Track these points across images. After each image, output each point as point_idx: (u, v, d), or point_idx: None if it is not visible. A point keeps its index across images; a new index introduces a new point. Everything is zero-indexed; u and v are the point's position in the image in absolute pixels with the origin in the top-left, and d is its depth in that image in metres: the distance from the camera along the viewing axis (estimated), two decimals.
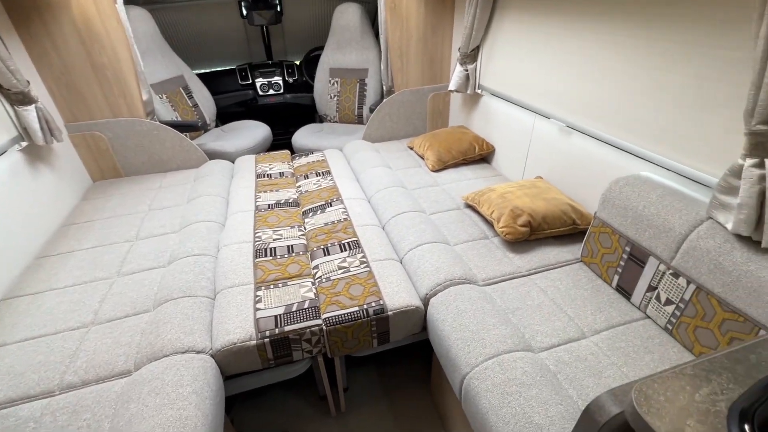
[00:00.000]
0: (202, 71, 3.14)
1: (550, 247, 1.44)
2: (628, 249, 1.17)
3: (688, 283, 1.00)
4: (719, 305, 0.93)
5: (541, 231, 1.44)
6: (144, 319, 1.20)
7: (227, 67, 3.21)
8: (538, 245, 1.45)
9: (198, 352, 1.08)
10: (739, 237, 0.92)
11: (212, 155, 2.40)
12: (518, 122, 1.87)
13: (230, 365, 1.13)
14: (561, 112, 1.60)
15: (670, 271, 1.05)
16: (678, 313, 1.03)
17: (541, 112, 1.71)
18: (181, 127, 2.29)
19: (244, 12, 2.83)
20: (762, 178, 0.84)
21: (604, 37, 1.33)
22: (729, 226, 0.92)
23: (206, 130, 2.73)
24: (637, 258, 1.14)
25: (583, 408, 0.64)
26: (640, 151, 1.27)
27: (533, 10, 1.65)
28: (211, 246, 1.52)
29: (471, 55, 2.07)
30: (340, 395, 1.41)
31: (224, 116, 3.09)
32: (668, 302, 1.06)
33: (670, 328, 1.06)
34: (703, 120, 1.07)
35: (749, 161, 0.85)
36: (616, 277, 1.22)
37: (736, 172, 0.89)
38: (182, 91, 2.58)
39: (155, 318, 1.18)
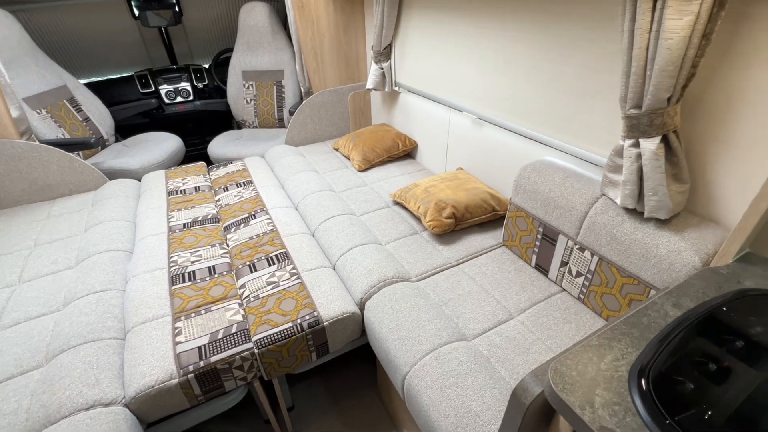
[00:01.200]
0: (93, 80, 2.78)
1: (475, 235, 1.51)
2: (541, 230, 1.26)
3: (592, 255, 1.10)
4: (618, 272, 1.04)
5: (465, 221, 1.49)
6: (34, 378, 1.02)
7: (124, 74, 2.88)
8: (463, 235, 1.51)
9: (107, 405, 0.95)
10: (627, 210, 1.03)
11: (113, 174, 2.13)
12: (435, 117, 1.92)
13: (151, 411, 1.00)
14: (472, 105, 1.67)
15: (577, 246, 1.15)
16: (587, 284, 1.14)
17: (455, 106, 1.78)
18: (69, 145, 2.00)
19: (136, 12, 2.55)
20: (639, 156, 0.94)
21: (504, 32, 1.41)
22: (618, 200, 1.03)
23: (104, 147, 2.42)
24: (549, 237, 1.23)
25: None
26: (545, 138, 1.37)
27: (436, 7, 1.70)
28: (117, 279, 1.34)
29: (384, 53, 2.08)
30: (284, 416, 1.34)
31: (125, 129, 2.77)
32: (578, 274, 1.16)
33: (582, 297, 1.16)
34: (592, 107, 1.19)
35: (628, 142, 0.96)
36: (534, 257, 1.31)
37: (619, 152, 1.00)
38: (67, 103, 2.26)
39: (49, 373, 1.00)
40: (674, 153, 0.92)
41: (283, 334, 1.12)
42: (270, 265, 1.36)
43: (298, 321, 1.15)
